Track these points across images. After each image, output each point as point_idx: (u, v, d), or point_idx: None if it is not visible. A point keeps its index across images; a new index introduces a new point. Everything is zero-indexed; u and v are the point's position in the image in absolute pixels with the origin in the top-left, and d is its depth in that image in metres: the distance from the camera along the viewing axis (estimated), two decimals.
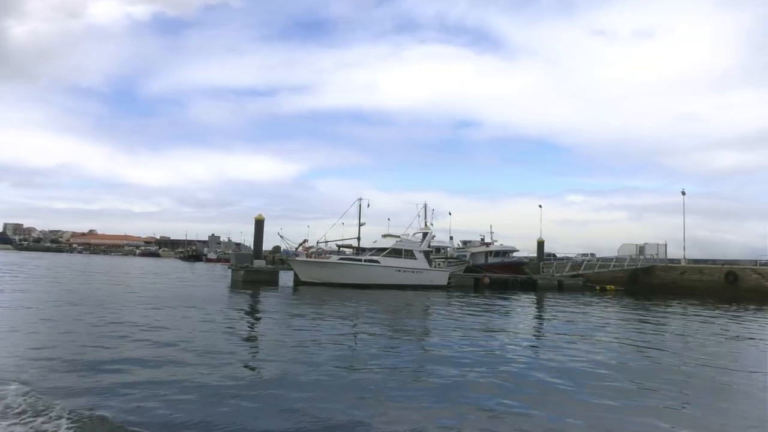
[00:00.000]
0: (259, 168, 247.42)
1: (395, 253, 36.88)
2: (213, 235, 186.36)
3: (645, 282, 48.90)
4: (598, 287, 45.76)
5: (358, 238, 46.11)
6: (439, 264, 46.48)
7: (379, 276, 35.99)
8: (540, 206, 57.85)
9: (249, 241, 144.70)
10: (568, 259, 54.61)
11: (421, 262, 38.05)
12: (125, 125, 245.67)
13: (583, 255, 66.37)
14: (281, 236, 40.07)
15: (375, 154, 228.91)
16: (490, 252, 56.47)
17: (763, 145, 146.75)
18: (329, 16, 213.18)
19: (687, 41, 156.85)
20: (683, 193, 57.72)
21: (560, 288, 45.20)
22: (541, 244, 51.73)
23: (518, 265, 54.11)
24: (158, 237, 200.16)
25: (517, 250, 64.30)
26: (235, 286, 34.72)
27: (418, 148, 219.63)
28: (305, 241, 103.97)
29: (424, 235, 39.98)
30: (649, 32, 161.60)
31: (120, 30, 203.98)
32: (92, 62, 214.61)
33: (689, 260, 53.15)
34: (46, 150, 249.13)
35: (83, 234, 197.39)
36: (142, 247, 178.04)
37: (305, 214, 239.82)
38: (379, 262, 36.12)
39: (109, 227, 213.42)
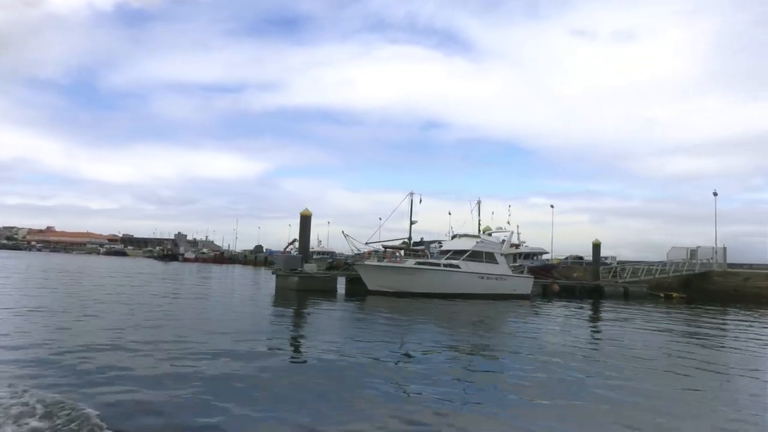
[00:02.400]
0: (224, 166, 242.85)
1: (475, 256, 30.82)
2: (180, 233, 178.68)
3: (700, 288, 44.82)
4: (662, 294, 41.46)
5: (409, 239, 40.01)
6: None
7: (460, 284, 29.87)
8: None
9: (214, 239, 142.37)
10: (623, 264, 49.58)
11: (503, 267, 32.11)
12: (85, 119, 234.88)
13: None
14: (346, 235, 33.49)
15: (343, 154, 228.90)
16: (519, 254, 51.31)
17: (717, 151, 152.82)
18: (299, 13, 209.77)
19: (654, 48, 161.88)
20: (715, 194, 54.06)
21: (626, 296, 40.52)
22: (597, 247, 46.48)
23: (548, 268, 49.06)
24: (121, 235, 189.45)
25: (546, 252, 59.67)
26: (285, 297, 27.94)
27: (386, 149, 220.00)
28: (294, 240, 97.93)
29: (489, 234, 34.06)
30: (618, 38, 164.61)
31: (81, 20, 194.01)
32: (51, 53, 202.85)
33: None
34: (0, 143, 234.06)
35: (41, 231, 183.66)
36: (107, 246, 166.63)
37: (269, 213, 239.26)
38: (459, 267, 29.99)
39: (65, 224, 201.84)
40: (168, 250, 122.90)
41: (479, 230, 42.70)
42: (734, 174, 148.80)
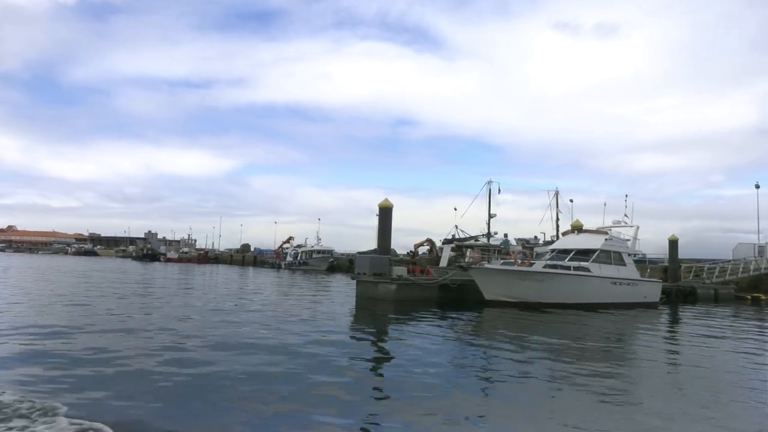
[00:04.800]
0: (191, 162, 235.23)
1: (604, 257, 24.80)
2: (150, 231, 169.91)
3: None
4: (749, 297, 36.63)
5: (488, 234, 33.81)
6: None
7: (592, 292, 23.71)
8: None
9: (195, 238, 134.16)
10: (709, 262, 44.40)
11: (632, 270, 26.14)
12: (46, 115, 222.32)
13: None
14: (459, 230, 27.29)
15: (312, 151, 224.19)
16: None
17: (682, 148, 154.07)
18: (268, 8, 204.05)
19: (623, 46, 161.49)
20: (757, 186, 49.38)
21: (716, 298, 35.50)
22: (674, 244, 40.99)
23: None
24: (88, 234, 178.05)
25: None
26: (379, 308, 21.40)
27: (356, 146, 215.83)
28: (291, 238, 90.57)
29: (603, 230, 27.95)
30: (588, 35, 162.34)
31: (41, 12, 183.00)
32: (8, 46, 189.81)
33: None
34: None
35: (1, 230, 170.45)
36: (75, 245, 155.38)
37: (239, 211, 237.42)
38: (590, 271, 23.90)
39: (26, 223, 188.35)
40: (148, 250, 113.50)
41: (557, 225, 36.86)
42: (696, 171, 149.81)
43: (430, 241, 62.63)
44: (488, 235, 33.03)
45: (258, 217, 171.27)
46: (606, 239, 25.14)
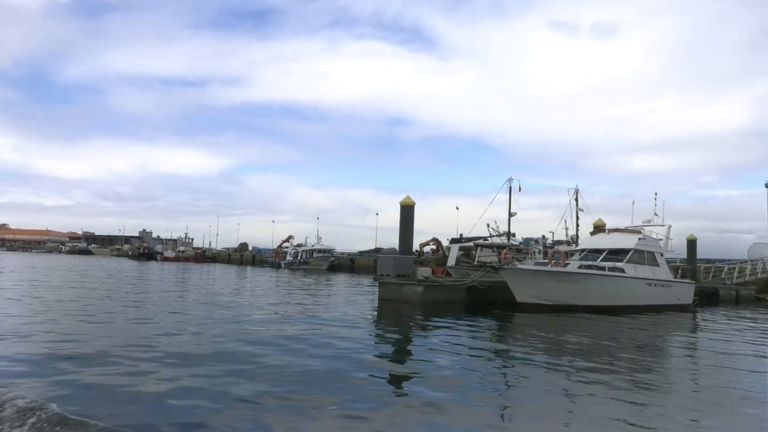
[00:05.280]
0: (186, 161, 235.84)
1: (638, 257, 23.62)
2: (144, 230, 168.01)
3: None
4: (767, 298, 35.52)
5: (508, 233, 32.60)
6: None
7: (627, 293, 22.52)
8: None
9: (192, 237, 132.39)
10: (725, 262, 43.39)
11: (665, 271, 24.98)
12: (38, 113, 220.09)
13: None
14: (492, 229, 25.95)
15: (307, 150, 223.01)
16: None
17: (676, 148, 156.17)
18: (264, 6, 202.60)
19: (620, 47, 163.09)
20: (767, 186, 48.35)
21: (737, 300, 34.51)
22: (693, 243, 39.89)
23: None
24: (81, 232, 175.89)
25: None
26: (404, 311, 20.14)
27: (351, 145, 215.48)
28: (290, 237, 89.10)
29: (634, 229, 26.73)
30: (585, 35, 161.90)
31: (34, 9, 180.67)
32: (2, 44, 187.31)
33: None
34: None
35: None
36: (69, 244, 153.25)
37: (233, 210, 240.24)
38: (624, 272, 22.72)
39: (18, 221, 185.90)
40: (144, 249, 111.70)
41: (577, 224, 35.68)
42: (689, 171, 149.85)
43: (436, 241, 61.36)
44: (509, 234, 31.78)
45: (252, 216, 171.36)
46: (639, 238, 23.95)
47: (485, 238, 46.89)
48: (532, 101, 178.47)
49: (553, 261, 21.83)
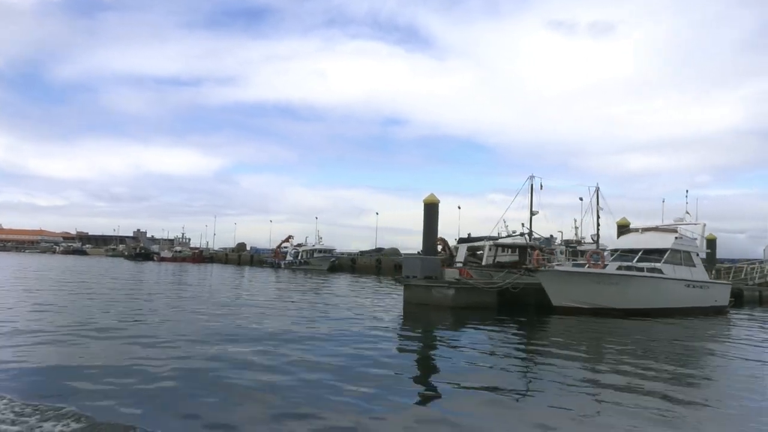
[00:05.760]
0: (180, 161, 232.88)
1: (675, 257, 22.51)
2: (139, 230, 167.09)
3: None
4: None
5: (530, 233, 31.39)
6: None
7: (666, 295, 21.39)
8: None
9: (189, 237, 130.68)
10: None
11: (701, 272, 23.88)
12: (32, 112, 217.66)
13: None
14: (525, 228, 24.69)
15: (302, 150, 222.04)
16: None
17: (670, 149, 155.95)
18: (258, 5, 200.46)
19: (615, 47, 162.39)
20: None
21: (760, 300, 33.63)
22: (712, 242, 38.95)
23: None
24: (75, 232, 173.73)
25: None
26: (434, 316, 18.95)
27: (345, 145, 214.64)
28: (290, 237, 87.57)
29: (667, 228, 25.60)
30: (581, 35, 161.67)
31: (27, 8, 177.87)
32: None
33: None
34: None
35: None
36: (63, 244, 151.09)
37: (228, 210, 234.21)
38: (663, 273, 21.60)
39: (10, 221, 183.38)
40: (141, 249, 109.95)
41: (597, 223, 34.57)
42: (683, 171, 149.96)
43: (442, 240, 60.23)
44: (530, 234, 30.60)
45: (246, 216, 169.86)
46: (676, 238, 22.84)
47: (494, 238, 45.77)
48: (528, 101, 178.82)
49: (592, 262, 20.63)
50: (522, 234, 31.13)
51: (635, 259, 21.94)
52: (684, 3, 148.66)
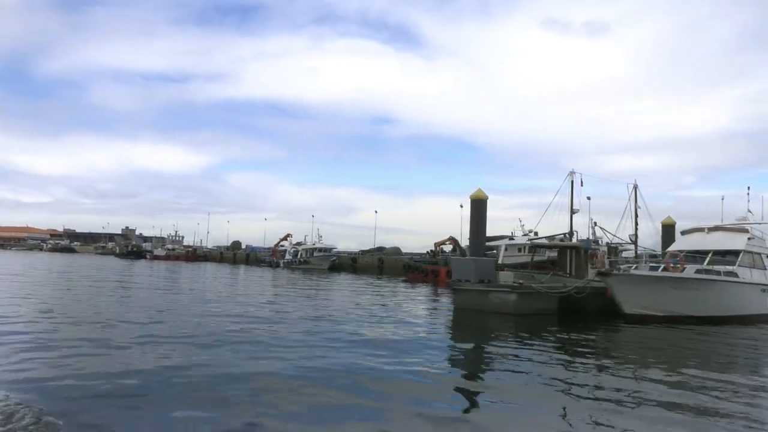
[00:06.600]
0: (167, 158, 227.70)
1: (749, 260, 20.58)
2: (128, 227, 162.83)
3: None
4: None
5: (570, 233, 29.45)
6: None
7: (741, 302, 19.42)
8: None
9: (182, 234, 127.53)
10: None
11: None
12: (16, 108, 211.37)
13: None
14: (600, 228, 22.65)
15: (291, 148, 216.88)
16: None
17: (656, 149, 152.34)
18: (248, 2, 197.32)
19: (606, 48, 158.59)
20: None
21: None
22: None
23: None
24: (62, 230, 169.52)
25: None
26: (493, 324, 16.88)
27: (335, 143, 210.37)
28: (288, 235, 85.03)
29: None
30: (572, 35, 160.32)
31: (12, 2, 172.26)
32: None
33: None
34: None
35: None
36: (51, 242, 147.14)
37: (216, 208, 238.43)
38: (737, 276, 19.66)
39: None
40: (133, 247, 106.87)
41: (636, 222, 32.70)
42: (669, 172, 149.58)
43: (453, 240, 58.28)
44: (570, 233, 28.64)
45: (235, 215, 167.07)
46: (749, 239, 20.93)
47: (510, 237, 43.78)
48: (517, 100, 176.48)
49: (672, 265, 18.61)
50: (564, 235, 29.10)
51: (705, 262, 19.97)
52: (669, 4, 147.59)
